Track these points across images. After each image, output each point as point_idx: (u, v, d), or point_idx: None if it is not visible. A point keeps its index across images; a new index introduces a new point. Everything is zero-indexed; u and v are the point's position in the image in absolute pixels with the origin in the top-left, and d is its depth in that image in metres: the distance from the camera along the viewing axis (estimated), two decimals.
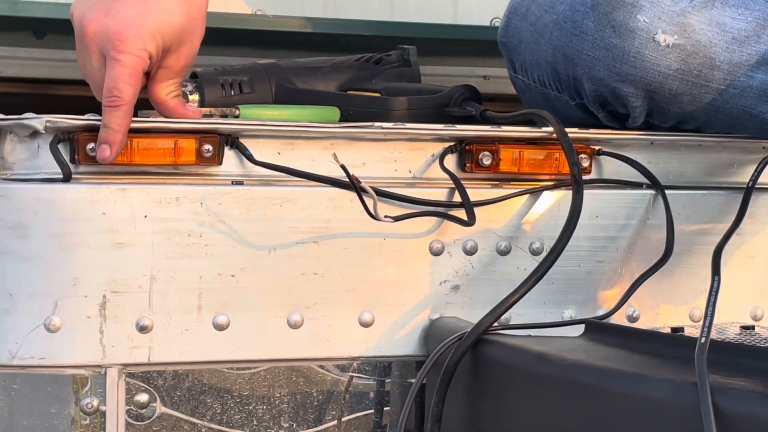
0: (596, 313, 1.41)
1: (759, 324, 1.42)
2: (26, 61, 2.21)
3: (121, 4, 1.30)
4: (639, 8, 1.43)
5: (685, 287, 1.47)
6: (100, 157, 1.26)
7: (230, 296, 1.31)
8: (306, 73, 1.60)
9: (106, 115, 1.26)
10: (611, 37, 1.44)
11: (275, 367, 1.35)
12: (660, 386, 1.04)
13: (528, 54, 1.56)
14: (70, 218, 1.26)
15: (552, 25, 1.50)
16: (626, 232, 1.44)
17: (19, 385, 1.27)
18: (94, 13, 1.30)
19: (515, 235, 1.40)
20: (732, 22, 1.44)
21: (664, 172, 1.45)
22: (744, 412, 0.99)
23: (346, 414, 1.38)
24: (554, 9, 1.50)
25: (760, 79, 1.45)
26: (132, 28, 1.29)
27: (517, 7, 1.59)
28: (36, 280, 1.25)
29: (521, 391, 1.19)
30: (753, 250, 1.49)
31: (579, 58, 1.47)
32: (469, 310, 1.38)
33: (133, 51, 1.28)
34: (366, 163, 1.36)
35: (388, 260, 1.35)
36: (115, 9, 1.30)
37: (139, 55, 1.28)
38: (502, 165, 1.39)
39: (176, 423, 1.32)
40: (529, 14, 1.56)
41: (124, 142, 1.26)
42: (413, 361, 1.38)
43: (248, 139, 1.32)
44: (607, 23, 1.44)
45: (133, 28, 1.29)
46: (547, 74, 1.53)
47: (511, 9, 1.61)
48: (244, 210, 1.31)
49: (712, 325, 1.12)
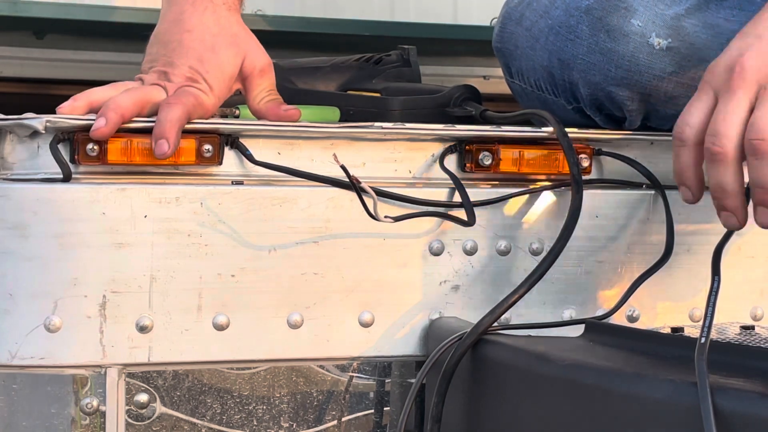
0: (596, 313, 1.41)
1: (759, 324, 1.42)
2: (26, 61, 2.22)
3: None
4: (633, 12, 1.44)
5: (685, 287, 1.47)
6: (159, 153, 1.26)
7: (230, 296, 1.31)
8: (306, 73, 1.60)
9: (165, 110, 1.27)
10: (606, 41, 1.44)
11: (275, 367, 1.35)
12: (660, 386, 1.04)
13: (524, 59, 1.57)
14: (70, 218, 1.26)
15: (547, 30, 1.50)
16: (626, 232, 1.44)
17: (19, 385, 1.27)
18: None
19: (515, 235, 1.40)
20: (726, 24, 1.44)
21: (664, 172, 1.45)
22: (744, 412, 0.99)
23: (346, 414, 1.38)
24: (549, 14, 1.51)
25: None
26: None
27: (511, 13, 1.60)
28: (36, 280, 1.25)
29: (521, 391, 1.19)
30: (753, 250, 1.49)
31: (574, 63, 1.47)
32: (469, 310, 1.38)
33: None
34: (366, 163, 1.36)
35: (388, 260, 1.35)
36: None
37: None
38: (502, 165, 1.39)
39: (176, 423, 1.32)
40: (524, 20, 1.56)
41: (179, 137, 1.27)
42: (413, 361, 1.38)
43: (248, 139, 1.32)
44: (602, 27, 1.45)
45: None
46: (543, 79, 1.54)
47: (506, 15, 1.61)
48: (244, 210, 1.31)
49: (712, 325, 1.12)
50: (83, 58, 2.25)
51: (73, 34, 2.16)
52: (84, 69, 2.26)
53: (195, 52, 1.35)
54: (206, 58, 1.35)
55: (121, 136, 1.27)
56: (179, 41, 1.36)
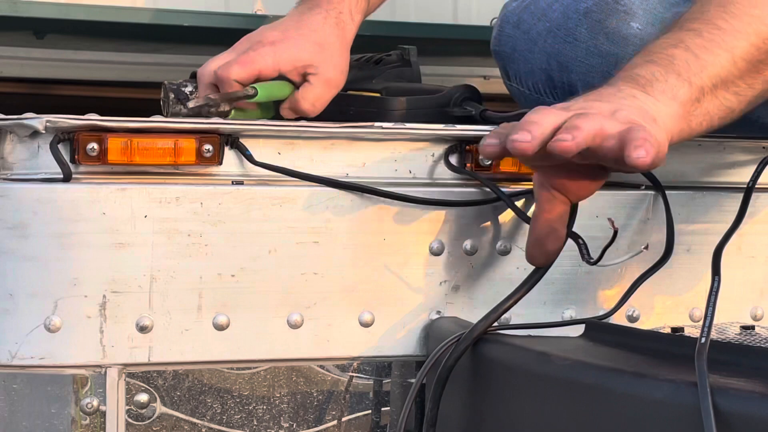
0: (596, 313, 1.41)
1: (759, 324, 1.42)
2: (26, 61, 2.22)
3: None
4: (632, 15, 1.43)
5: (685, 287, 1.46)
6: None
7: (230, 296, 1.31)
8: None
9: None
10: (605, 44, 1.44)
11: (275, 367, 1.35)
12: (660, 386, 1.04)
13: (522, 62, 1.57)
14: (70, 218, 1.26)
15: (545, 33, 1.50)
16: (626, 232, 1.44)
17: (19, 385, 1.27)
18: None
19: (515, 235, 1.40)
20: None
21: (664, 172, 1.45)
22: (744, 412, 0.99)
23: (346, 414, 1.38)
24: (547, 17, 1.51)
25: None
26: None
27: (509, 16, 1.60)
28: (36, 280, 1.25)
29: (521, 391, 1.19)
30: (753, 250, 1.49)
31: (573, 65, 1.47)
32: (469, 310, 1.38)
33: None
34: (366, 163, 1.36)
35: (388, 260, 1.35)
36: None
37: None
38: (502, 165, 1.39)
39: (176, 423, 1.32)
40: (522, 23, 1.56)
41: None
42: (413, 361, 1.38)
43: (248, 139, 1.32)
44: (601, 30, 1.45)
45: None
46: (542, 82, 1.54)
47: (503, 18, 1.61)
48: (244, 210, 1.31)
49: (712, 325, 1.12)
50: (83, 58, 2.25)
51: (73, 34, 2.16)
52: (84, 69, 2.26)
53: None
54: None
55: (121, 136, 1.27)
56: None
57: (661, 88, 1.19)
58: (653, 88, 1.19)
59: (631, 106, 1.15)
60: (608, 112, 1.12)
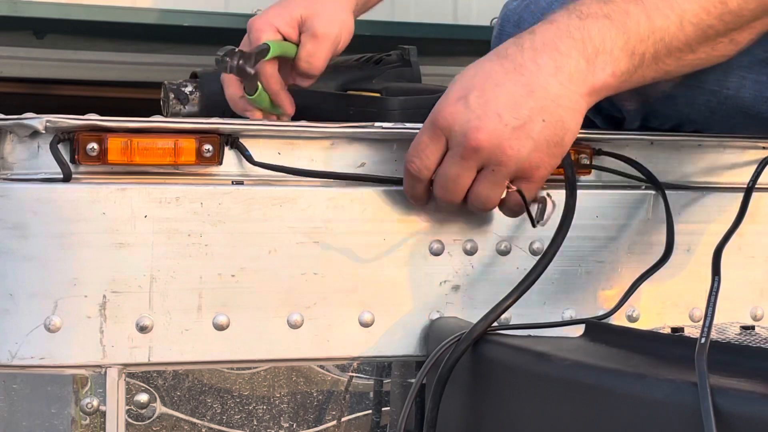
0: (596, 313, 1.41)
1: (759, 324, 1.42)
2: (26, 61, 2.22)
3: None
4: None
5: (685, 287, 1.47)
6: None
7: (230, 296, 1.31)
8: None
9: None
10: None
11: (275, 367, 1.35)
12: (660, 386, 1.04)
13: None
14: (70, 218, 1.26)
15: None
16: (626, 232, 1.44)
17: (19, 385, 1.27)
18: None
19: (515, 235, 1.40)
20: None
21: (664, 172, 1.45)
22: (744, 412, 0.99)
23: (346, 414, 1.38)
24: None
25: (753, 80, 1.45)
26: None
27: (510, 16, 1.60)
28: (36, 280, 1.25)
29: (521, 391, 1.19)
30: (753, 250, 1.49)
31: None
32: (469, 310, 1.38)
33: None
34: (366, 163, 1.36)
35: (388, 260, 1.35)
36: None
37: None
38: None
39: (176, 423, 1.32)
40: (522, 22, 1.56)
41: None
42: (413, 361, 1.38)
43: (248, 139, 1.32)
44: None
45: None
46: None
47: (504, 17, 1.61)
48: (244, 210, 1.31)
49: (712, 325, 1.12)
50: (83, 58, 2.25)
51: (73, 34, 2.16)
52: (84, 69, 2.26)
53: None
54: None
55: (121, 136, 1.27)
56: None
57: (603, 61, 1.23)
58: (596, 61, 1.23)
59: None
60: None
